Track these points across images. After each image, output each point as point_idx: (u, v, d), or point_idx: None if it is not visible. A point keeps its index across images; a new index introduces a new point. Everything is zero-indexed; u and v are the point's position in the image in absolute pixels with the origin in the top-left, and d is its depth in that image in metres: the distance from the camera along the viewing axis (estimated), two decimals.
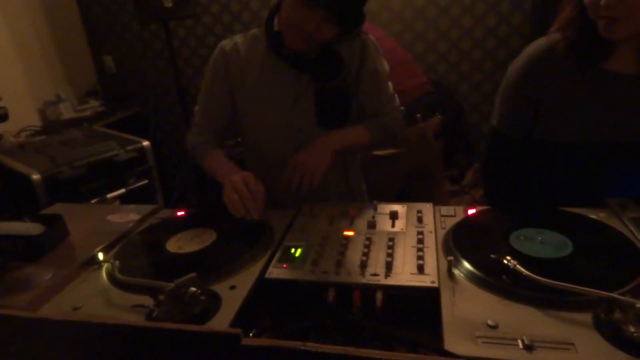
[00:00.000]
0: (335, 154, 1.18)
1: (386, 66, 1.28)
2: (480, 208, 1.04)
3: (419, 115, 2.02)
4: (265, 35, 1.19)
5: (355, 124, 1.25)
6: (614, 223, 0.93)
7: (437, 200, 1.13)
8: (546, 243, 0.85)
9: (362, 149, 1.35)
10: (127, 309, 0.77)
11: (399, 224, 1.00)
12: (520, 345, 0.62)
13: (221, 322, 0.71)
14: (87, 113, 3.15)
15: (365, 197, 1.45)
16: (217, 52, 1.24)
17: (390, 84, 1.29)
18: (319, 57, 1.17)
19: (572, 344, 0.62)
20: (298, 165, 1.14)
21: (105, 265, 0.90)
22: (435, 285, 0.77)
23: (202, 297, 0.73)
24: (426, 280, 0.78)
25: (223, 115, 1.29)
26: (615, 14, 0.91)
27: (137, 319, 0.73)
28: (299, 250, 0.91)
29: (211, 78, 1.26)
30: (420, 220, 1.00)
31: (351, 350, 0.45)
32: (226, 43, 1.24)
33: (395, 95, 1.31)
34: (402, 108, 1.32)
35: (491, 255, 0.79)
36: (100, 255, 0.93)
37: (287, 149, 1.24)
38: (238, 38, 1.25)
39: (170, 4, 2.56)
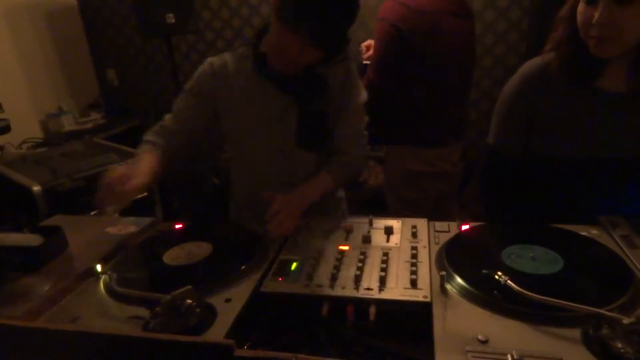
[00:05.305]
0: (308, 205, 1.15)
1: (364, 95, 1.28)
2: (474, 224, 1.05)
3: None
4: (252, 55, 1.21)
5: (323, 174, 1.24)
6: (605, 240, 0.94)
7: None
8: (537, 259, 0.87)
9: (329, 195, 1.33)
10: (124, 320, 0.78)
11: (394, 239, 1.01)
12: None
13: (216, 334, 0.72)
14: (89, 125, 3.18)
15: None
16: (206, 67, 1.26)
17: (365, 117, 1.29)
18: (302, 79, 1.18)
19: (561, 359, 0.63)
20: (279, 202, 1.09)
21: (103, 277, 0.91)
22: (428, 300, 0.78)
23: (198, 310, 0.75)
24: (419, 295, 0.80)
25: (194, 124, 1.29)
26: (605, 34, 0.94)
27: (133, 330, 0.73)
28: (294, 264, 0.92)
29: (195, 88, 1.27)
30: (414, 235, 1.02)
31: None
32: (215, 59, 1.26)
33: (365, 133, 1.30)
34: (368, 147, 1.33)
35: (483, 271, 0.80)
36: (99, 267, 0.94)
37: (268, 166, 1.26)
38: (227, 55, 1.26)
39: (173, 20, 2.61)
